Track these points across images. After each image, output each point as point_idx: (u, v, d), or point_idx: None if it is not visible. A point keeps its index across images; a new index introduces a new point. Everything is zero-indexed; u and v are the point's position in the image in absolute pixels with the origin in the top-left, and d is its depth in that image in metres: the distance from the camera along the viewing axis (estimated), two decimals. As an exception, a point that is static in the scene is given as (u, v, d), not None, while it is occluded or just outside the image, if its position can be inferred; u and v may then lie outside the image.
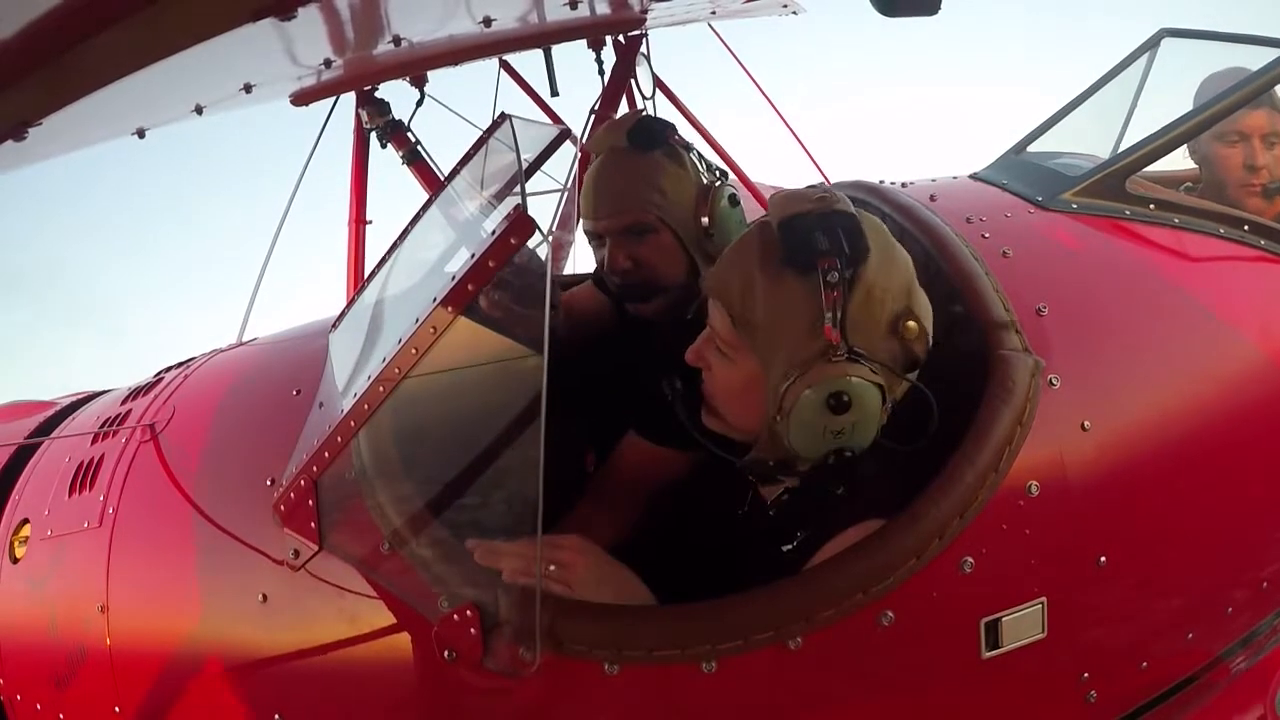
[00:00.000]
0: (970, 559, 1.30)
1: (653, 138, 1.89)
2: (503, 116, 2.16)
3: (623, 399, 1.79)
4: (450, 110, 3.47)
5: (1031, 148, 2.04)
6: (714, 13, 3.63)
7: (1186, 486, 1.47)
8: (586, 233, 1.98)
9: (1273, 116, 2.15)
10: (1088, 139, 2.05)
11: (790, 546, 1.37)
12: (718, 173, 1.98)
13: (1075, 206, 1.71)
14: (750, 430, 1.37)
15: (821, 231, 1.26)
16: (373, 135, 3.30)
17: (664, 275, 1.88)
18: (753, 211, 2.27)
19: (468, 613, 1.28)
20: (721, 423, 1.40)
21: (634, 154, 1.88)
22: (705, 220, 1.87)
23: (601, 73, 3.33)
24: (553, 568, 1.27)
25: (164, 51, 1.07)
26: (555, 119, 3.72)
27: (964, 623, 1.31)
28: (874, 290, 1.28)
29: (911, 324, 1.30)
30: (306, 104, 2.74)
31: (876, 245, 1.29)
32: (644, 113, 1.98)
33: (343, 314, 1.87)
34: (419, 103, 3.25)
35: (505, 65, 4.03)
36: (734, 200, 1.91)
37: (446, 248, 1.62)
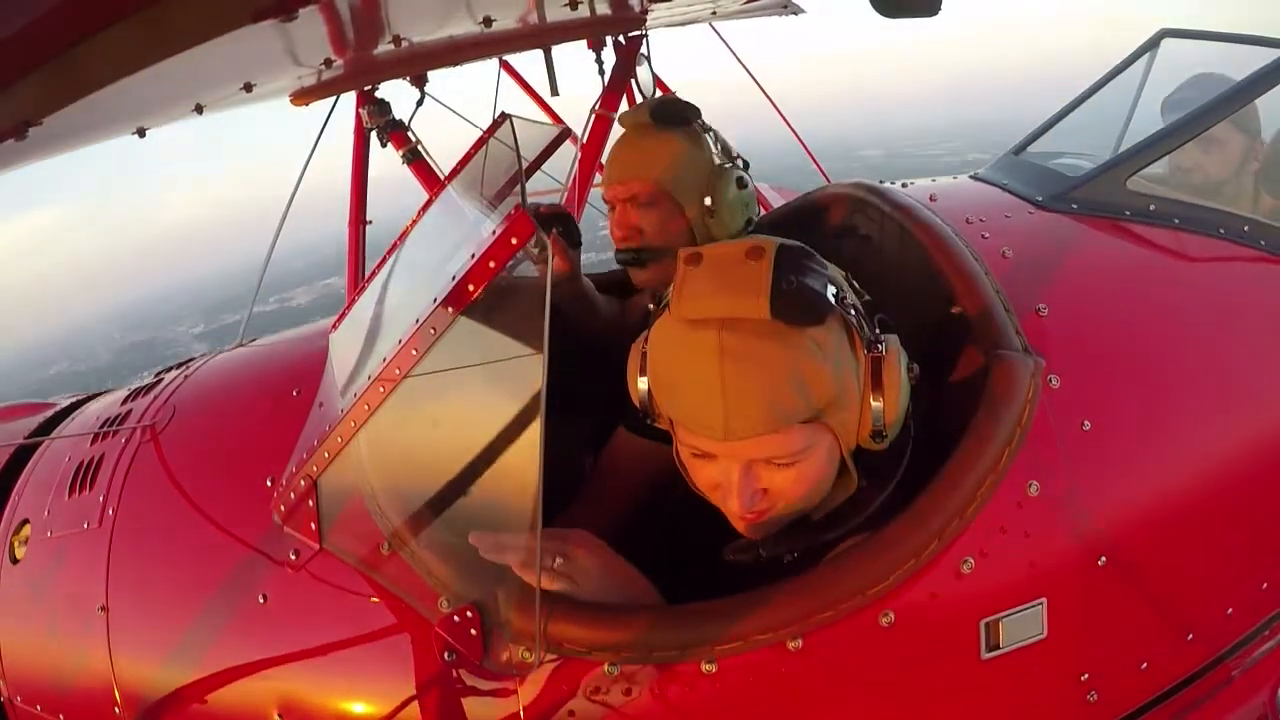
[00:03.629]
0: (970, 559, 1.30)
1: (671, 117, 2.01)
2: (503, 116, 2.17)
3: (617, 395, 1.80)
4: (450, 110, 3.47)
5: (1032, 148, 2.04)
6: (714, 13, 3.63)
7: (1187, 486, 1.47)
8: (604, 200, 2.11)
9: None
10: (1088, 139, 2.05)
11: (791, 557, 1.36)
12: (738, 159, 2.08)
13: (1075, 207, 1.71)
14: (822, 498, 1.33)
15: (802, 275, 1.20)
16: (373, 135, 3.30)
17: (661, 245, 2.00)
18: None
19: (468, 613, 1.28)
20: (786, 521, 1.32)
21: (653, 130, 2.00)
22: (709, 200, 1.97)
23: (602, 73, 3.33)
24: (559, 560, 1.26)
25: (164, 51, 1.07)
26: (556, 119, 3.73)
27: (964, 623, 1.31)
28: (838, 277, 1.28)
29: (853, 282, 1.33)
30: (307, 104, 2.74)
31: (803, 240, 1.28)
32: (673, 95, 2.10)
33: (343, 314, 1.88)
34: (419, 102, 3.25)
35: (505, 65, 4.03)
36: (742, 183, 2.01)
37: (447, 248, 1.62)
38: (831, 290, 1.21)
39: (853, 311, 1.23)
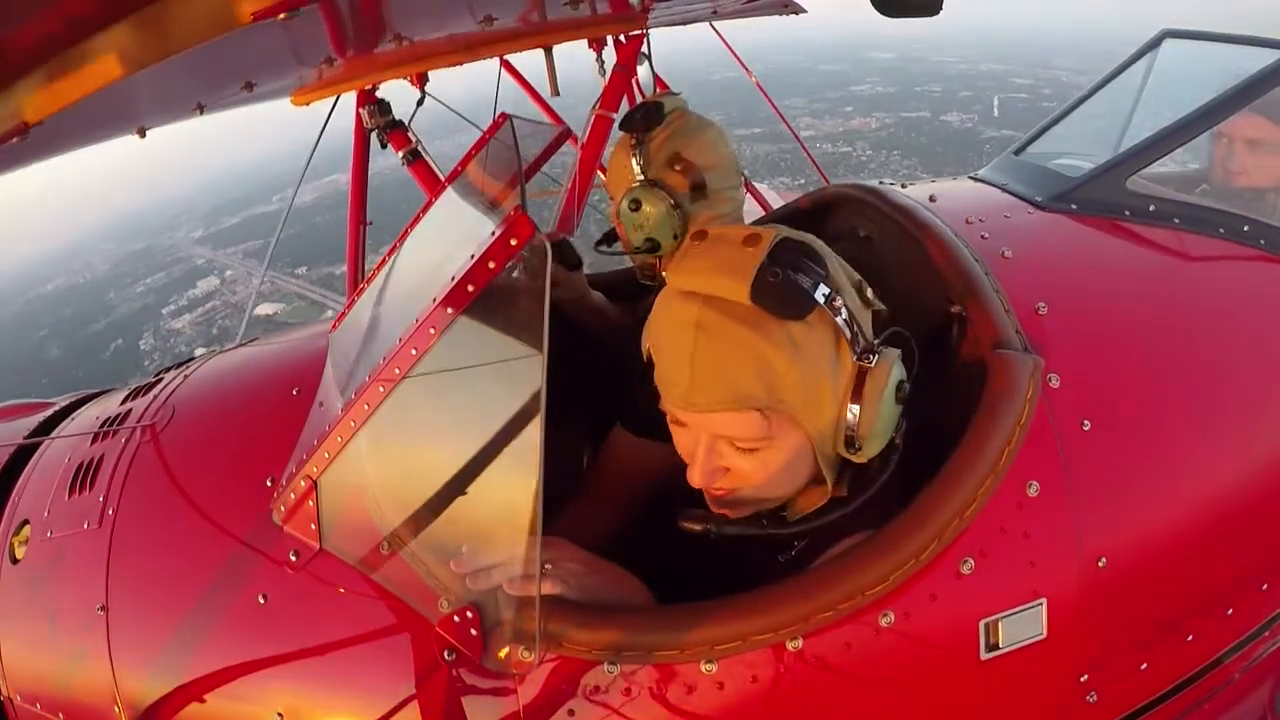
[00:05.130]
0: (970, 559, 1.30)
1: (628, 121, 1.92)
2: (503, 116, 2.16)
3: (614, 394, 1.80)
4: (451, 110, 3.48)
5: (1032, 148, 2.04)
6: (715, 12, 3.64)
7: (1187, 487, 1.47)
8: None
9: (1267, 124, 2.12)
10: (1088, 139, 2.05)
11: (788, 556, 1.37)
12: (682, 179, 1.87)
13: (1075, 207, 1.71)
14: (788, 493, 1.34)
15: (794, 270, 1.19)
16: (373, 135, 3.30)
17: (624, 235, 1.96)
18: (753, 212, 2.27)
19: (468, 613, 1.29)
20: (751, 506, 1.34)
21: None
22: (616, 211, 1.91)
23: (602, 72, 3.33)
24: (546, 566, 1.27)
25: (165, 52, 1.08)
26: (556, 119, 3.73)
27: (964, 623, 1.31)
28: (842, 280, 1.27)
29: (868, 290, 1.31)
30: (307, 103, 2.75)
31: (815, 240, 1.28)
32: (651, 99, 2.00)
33: (343, 314, 1.88)
34: (419, 102, 3.26)
35: (506, 65, 4.04)
36: (634, 205, 1.86)
37: (447, 248, 1.62)
38: (823, 291, 1.21)
39: (844, 315, 1.22)
